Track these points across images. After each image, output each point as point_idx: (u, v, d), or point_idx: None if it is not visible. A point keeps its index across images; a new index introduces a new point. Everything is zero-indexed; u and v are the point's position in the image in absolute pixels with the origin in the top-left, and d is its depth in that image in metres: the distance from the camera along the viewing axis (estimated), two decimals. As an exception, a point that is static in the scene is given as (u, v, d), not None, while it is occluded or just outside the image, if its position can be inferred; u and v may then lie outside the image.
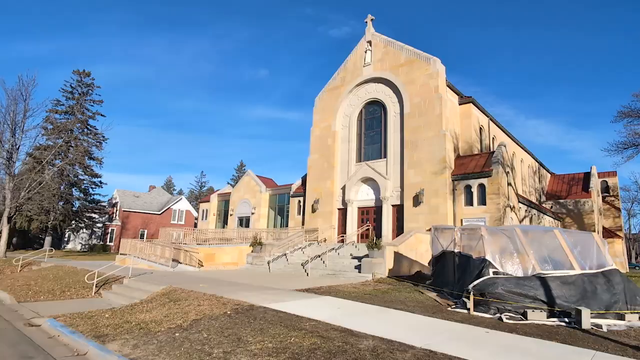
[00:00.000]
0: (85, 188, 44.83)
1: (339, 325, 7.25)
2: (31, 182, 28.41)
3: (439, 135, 21.88)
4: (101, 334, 7.49)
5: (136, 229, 51.30)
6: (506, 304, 9.23)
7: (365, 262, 16.40)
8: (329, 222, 26.09)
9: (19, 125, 27.03)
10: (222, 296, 10.02)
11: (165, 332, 7.31)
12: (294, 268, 18.90)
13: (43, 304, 11.54)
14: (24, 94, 27.11)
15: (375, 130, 25.85)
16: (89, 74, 45.11)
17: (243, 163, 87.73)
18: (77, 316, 9.11)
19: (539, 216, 27.28)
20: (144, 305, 10.03)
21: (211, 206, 39.44)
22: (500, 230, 11.54)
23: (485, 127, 27.40)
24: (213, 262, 20.55)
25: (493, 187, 20.14)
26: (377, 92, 25.87)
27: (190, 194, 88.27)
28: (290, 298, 10.24)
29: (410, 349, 5.91)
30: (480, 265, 10.49)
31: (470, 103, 25.35)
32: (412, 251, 18.34)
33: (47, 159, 32.08)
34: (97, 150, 44.55)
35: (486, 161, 21.33)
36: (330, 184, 26.72)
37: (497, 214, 19.67)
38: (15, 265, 20.94)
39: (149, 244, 22.05)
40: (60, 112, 43.10)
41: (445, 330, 7.36)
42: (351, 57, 27.75)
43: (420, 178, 22.05)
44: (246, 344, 6.24)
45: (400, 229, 22.47)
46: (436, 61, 23.10)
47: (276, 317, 7.89)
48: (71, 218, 43.22)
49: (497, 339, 6.86)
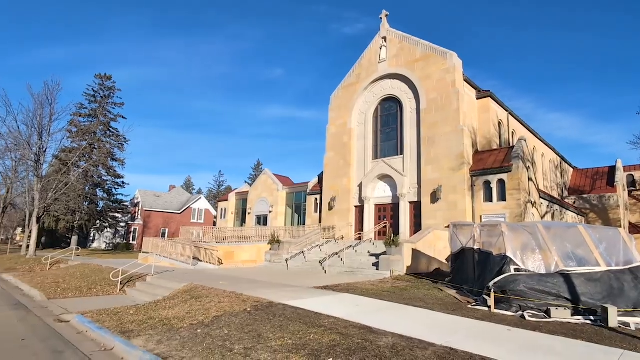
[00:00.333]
0: (108, 188, 46.19)
1: (358, 323, 7.26)
2: (58, 184, 29.46)
3: (456, 130, 21.54)
4: (126, 329, 7.70)
5: (157, 227, 52.51)
6: (528, 302, 9.06)
7: (383, 259, 16.34)
8: (346, 219, 26.08)
9: (45, 128, 28.09)
10: (242, 293, 10.16)
11: (187, 328, 7.47)
12: (311, 266, 18.99)
13: (71, 301, 11.94)
14: (49, 98, 28.14)
15: (392, 127, 25.65)
16: (110, 77, 46.34)
17: (260, 162, 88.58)
18: (104, 312, 9.38)
19: (561, 212, 26.56)
20: (166, 302, 10.27)
21: (229, 205, 39.96)
22: (522, 227, 11.31)
23: (504, 122, 26.82)
24: (232, 260, 20.85)
25: (513, 182, 19.71)
26: (393, 89, 25.65)
27: (209, 193, 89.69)
28: (308, 295, 10.32)
29: (431, 346, 5.88)
30: (501, 262, 10.31)
31: (488, 97, 24.84)
32: (431, 248, 18.16)
33: (72, 160, 33.18)
34: (119, 151, 45.85)
35: (506, 156, 20.88)
36: (347, 181, 26.68)
37: (518, 210, 19.25)
38: (44, 264, 21.76)
39: (170, 242, 22.56)
40: (83, 115, 44.47)
41: (466, 328, 7.28)
42: (366, 53, 27.58)
43: (437, 174, 21.78)
44: (266, 340, 6.33)
45: (418, 226, 22.26)
46: (453, 55, 22.72)
47: (295, 314, 7.96)
48: (96, 218, 44.62)
49: (520, 337, 6.74)
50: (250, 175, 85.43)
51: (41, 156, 28.21)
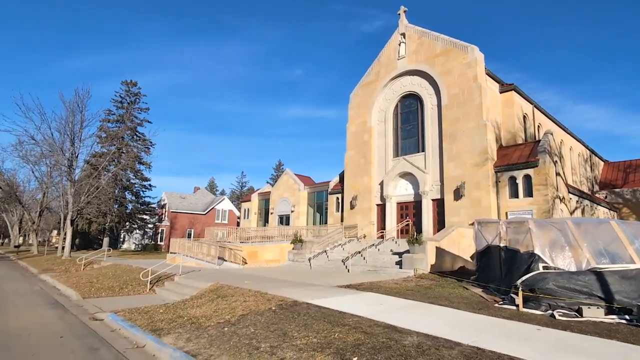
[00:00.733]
0: (136, 191, 47.75)
1: (382, 321, 7.25)
2: (89, 187, 30.71)
3: (479, 125, 21.09)
4: (157, 327, 7.94)
5: (183, 228, 53.83)
6: (558, 300, 8.80)
7: (406, 257, 16.20)
8: (368, 218, 25.98)
9: (77, 134, 29.31)
10: (266, 292, 10.31)
11: (214, 326, 7.64)
12: (334, 264, 19.05)
13: (104, 300, 12.39)
14: (80, 105, 29.35)
15: (412, 124, 25.35)
16: (136, 83, 47.83)
17: (281, 162, 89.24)
18: (135, 311, 9.68)
19: (592, 207, 25.56)
20: (194, 301, 10.53)
21: (252, 205, 40.51)
22: (550, 223, 10.97)
23: (530, 115, 26.02)
24: (256, 259, 21.16)
25: (540, 177, 19.12)
26: (413, 85, 25.34)
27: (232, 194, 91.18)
28: (332, 294, 10.36)
29: (457, 345, 5.80)
30: (528, 259, 10.04)
31: (512, 91, 24.16)
32: (455, 246, 17.87)
33: (102, 165, 34.50)
34: (146, 155, 47.33)
35: (531, 151, 20.28)
36: (368, 179, 26.56)
37: (545, 205, 18.66)
38: (79, 264, 22.69)
39: (196, 242, 23.10)
40: (112, 121, 46.14)
41: (493, 327, 7.15)
42: (385, 50, 27.36)
43: (460, 171, 21.39)
44: (291, 338, 6.41)
45: (441, 223, 21.94)
46: (474, 49, 22.24)
47: (319, 313, 8.03)
48: (125, 219, 46.23)
49: (550, 337, 6.56)
50: (271, 175, 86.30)
51: (73, 161, 29.46)
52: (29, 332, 8.16)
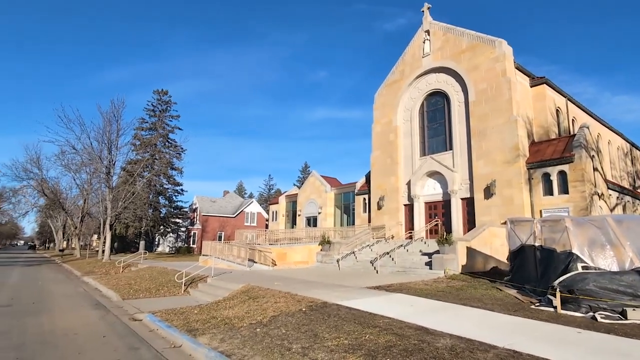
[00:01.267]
0: (169, 196, 49.42)
1: (414, 323, 7.17)
2: (126, 193, 32.13)
3: (509, 121, 20.44)
4: (192, 328, 8.16)
5: (214, 231, 55.14)
6: (600, 302, 8.41)
7: (436, 258, 15.93)
8: (396, 218, 25.71)
9: (113, 143, 30.77)
10: (296, 294, 10.41)
11: (247, 327, 7.79)
12: (362, 266, 18.98)
13: (142, 301, 12.87)
14: (116, 115, 30.82)
15: (439, 122, 24.89)
16: (167, 92, 49.57)
17: (307, 164, 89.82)
18: (171, 312, 10.00)
19: (634, 203, 24.17)
20: (226, 302, 10.78)
21: (280, 207, 40.97)
22: (588, 221, 10.51)
23: (563, 109, 24.94)
24: (285, 261, 21.40)
25: (576, 173, 18.30)
26: (439, 83, 24.89)
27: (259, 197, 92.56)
28: (361, 295, 10.35)
29: (492, 348, 5.66)
30: (566, 259, 9.67)
31: (543, 84, 23.24)
32: (486, 246, 17.38)
33: (137, 171, 35.99)
34: (177, 161, 48.91)
35: (566, 146, 19.44)
36: (395, 180, 26.30)
37: (583, 203, 17.83)
38: (117, 267, 23.73)
39: (227, 245, 23.64)
40: (145, 129, 48.02)
41: (530, 330, 6.92)
42: (409, 49, 27.02)
43: (490, 168, 20.80)
44: (322, 340, 6.46)
45: (471, 223, 21.40)
46: (502, 43, 21.59)
47: (349, 314, 8.04)
48: (159, 223, 47.93)
49: (592, 340, 6.28)
50: (298, 177, 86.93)
51: (111, 169, 30.93)
52: (75, 332, 8.61)
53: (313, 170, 37.64)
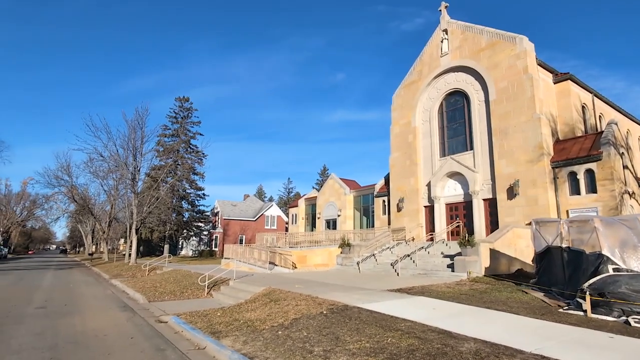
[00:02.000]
0: (192, 200, 50.48)
1: (436, 327, 7.09)
2: (150, 198, 33.02)
3: (532, 119, 19.92)
4: (215, 330, 8.31)
5: (235, 234, 55.93)
6: (633, 306, 8.09)
7: (459, 260, 15.66)
8: (416, 220, 25.42)
9: (138, 150, 31.68)
10: (317, 296, 10.44)
11: (269, 330, 7.87)
12: (383, 268, 18.85)
13: (167, 303, 13.16)
14: (140, 123, 31.74)
15: (459, 122, 24.51)
16: (188, 99, 50.73)
17: (326, 167, 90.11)
18: (195, 314, 10.20)
19: (670, 201, 23.04)
20: (248, 304, 10.90)
21: (299, 210, 41.18)
22: (619, 221, 10.14)
23: (589, 105, 24.11)
24: (305, 263, 21.49)
25: (604, 172, 17.64)
26: (458, 82, 24.52)
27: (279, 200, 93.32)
28: (382, 298, 10.29)
29: (519, 353, 5.52)
30: (595, 261, 9.35)
31: (567, 80, 22.54)
32: (510, 247, 16.96)
33: (161, 177, 36.95)
34: (199, 166, 49.97)
35: (593, 143, 18.77)
36: (414, 181, 26.02)
37: (612, 202, 17.16)
38: (143, 270, 24.34)
39: (248, 248, 23.94)
40: (167, 136, 49.28)
41: (559, 334, 6.72)
42: (427, 49, 26.76)
43: (513, 168, 20.31)
44: (344, 343, 6.47)
45: (494, 224, 20.93)
46: (523, 39, 21.09)
47: (371, 317, 8.02)
48: (183, 227, 49.01)
49: (626, 346, 6.03)
50: (317, 180, 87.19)
51: (136, 175, 31.84)
52: (105, 333, 8.89)
53: (332, 172, 37.71)
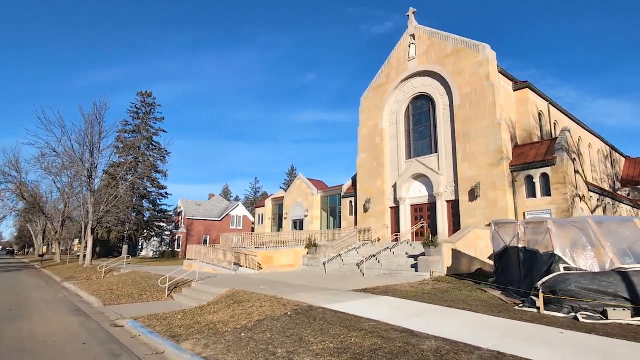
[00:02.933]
0: (153, 199, 48.66)
1: (399, 326, 7.17)
2: (108, 197, 31.47)
3: (493, 124, 20.78)
4: (175, 334, 8.00)
5: (199, 235, 54.49)
6: (582, 302, 8.56)
7: (422, 260, 16.03)
8: (382, 221, 25.82)
9: (95, 146, 30.13)
10: (282, 297, 10.32)
11: (231, 332, 7.67)
12: (349, 268, 18.97)
13: (125, 307, 12.58)
14: (98, 117, 30.19)
15: (424, 125, 25.16)
16: (151, 94, 48.90)
17: (294, 167, 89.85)
18: (154, 317, 9.79)
19: (614, 205, 24.83)
20: (211, 307, 10.61)
21: (266, 211, 40.74)
22: (570, 222, 10.72)
23: (545, 113, 25.51)
24: (271, 264, 21.24)
25: (558, 176, 18.70)
26: (424, 86, 25.18)
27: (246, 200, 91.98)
28: (347, 298, 10.31)
29: (477, 350, 5.70)
30: (548, 260, 9.82)
31: (526, 88, 23.74)
32: (471, 248, 17.58)
33: (120, 174, 35.34)
34: (162, 163, 48.29)
35: (548, 149, 19.86)
36: (381, 182, 26.43)
37: (565, 205, 18.22)
38: (99, 272, 23.15)
39: (212, 249, 23.34)
40: (128, 132, 47.26)
41: (514, 331, 6.99)
42: (395, 52, 27.28)
43: (475, 171, 21.09)
44: (308, 344, 6.41)
45: (456, 225, 21.64)
46: (485, 47, 21.98)
47: (335, 318, 8.00)
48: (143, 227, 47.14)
49: (575, 340, 6.38)
50: (285, 180, 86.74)
51: (93, 172, 30.23)
52: (54, 339, 8.35)
53: (300, 173, 37.61)
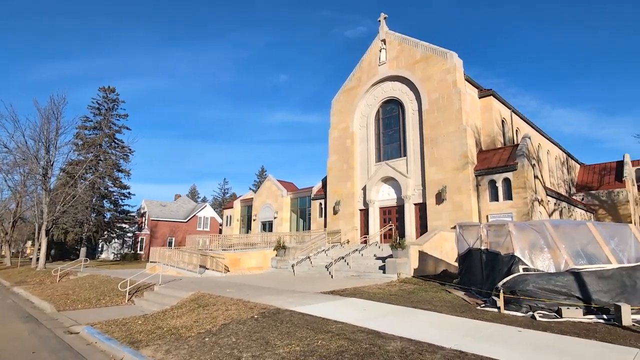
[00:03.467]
0: (115, 199, 46.54)
1: (366, 327, 7.21)
2: (65, 196, 29.74)
3: (459, 130, 21.47)
4: (135, 340, 7.71)
5: (164, 237, 52.74)
6: (539, 302, 8.94)
7: (390, 262, 16.25)
8: (351, 223, 26.00)
9: (52, 142, 28.42)
10: (248, 300, 10.14)
11: (195, 337, 7.47)
12: (318, 271, 18.93)
13: (81, 312, 11.99)
14: (55, 112, 28.50)
15: (394, 129, 25.62)
16: (114, 89, 46.86)
17: (264, 168, 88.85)
18: (112, 323, 9.41)
19: (569, 209, 26.29)
20: (174, 311, 10.28)
21: (235, 212, 40.05)
22: (529, 225, 11.20)
23: (508, 120, 26.69)
24: (238, 267, 20.85)
25: (519, 181, 19.56)
26: (394, 91, 25.66)
27: (214, 201, 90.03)
28: (315, 301, 10.27)
29: (440, 350, 5.81)
30: (509, 262, 10.20)
31: (490, 96, 24.75)
32: (437, 250, 18.03)
33: (79, 173, 33.55)
34: (125, 162, 46.25)
35: (510, 154, 20.75)
36: (351, 185, 26.64)
37: (525, 208, 19.08)
38: (54, 276, 21.90)
39: (177, 251, 22.63)
40: (89, 128, 45.00)
41: (476, 330, 7.19)
42: (366, 56, 27.65)
43: (442, 175, 21.69)
44: (274, 347, 6.30)
45: (423, 227, 22.14)
46: (453, 55, 22.70)
47: (302, 320, 7.93)
48: (103, 229, 44.96)
49: (531, 338, 6.64)
50: (254, 182, 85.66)
51: (49, 170, 28.52)
52: (1, 347, 7.77)
53: (270, 174, 37.26)
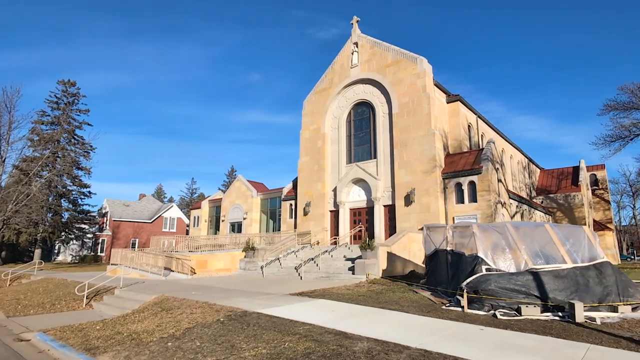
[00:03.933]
0: (74, 199, 44.07)
1: (333, 328, 7.19)
2: (18, 195, 27.90)
3: (428, 134, 22.00)
4: (92, 346, 7.35)
5: (127, 238, 50.63)
6: (500, 301, 9.26)
7: (359, 263, 16.36)
8: (321, 224, 26.03)
9: (4, 137, 26.70)
10: (215, 303, 9.89)
11: (157, 342, 7.18)
12: (287, 272, 18.78)
13: (33, 318, 11.30)
14: (8, 106, 26.79)
15: (365, 131, 25.90)
16: (74, 83, 44.47)
17: (234, 168, 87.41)
18: (68, 329, 8.95)
19: (530, 211, 27.55)
20: (135, 315, 9.86)
21: (202, 213, 39.10)
22: (492, 227, 11.60)
23: (474, 125, 27.64)
24: (206, 269, 20.34)
25: (483, 184, 20.29)
26: (365, 93, 25.95)
27: (181, 201, 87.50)
28: (284, 302, 10.16)
29: (405, 349, 5.88)
30: (472, 262, 10.52)
31: (457, 101, 25.54)
32: (405, 251, 18.35)
33: (34, 170, 31.62)
34: (85, 160, 43.87)
35: (476, 158, 21.48)
36: (322, 186, 26.67)
37: (489, 210, 19.80)
38: (4, 280, 20.57)
39: (141, 253, 21.76)
40: (46, 123, 42.36)
41: (440, 329, 7.35)
42: (338, 59, 27.81)
43: (411, 177, 22.13)
44: (239, 350, 6.15)
45: (392, 229, 22.49)
46: (423, 60, 23.25)
47: (270, 322, 7.80)
48: (61, 229, 42.43)
49: (492, 336, 6.86)
50: (224, 182, 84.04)
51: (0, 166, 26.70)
52: None
53: (239, 174, 36.66)
